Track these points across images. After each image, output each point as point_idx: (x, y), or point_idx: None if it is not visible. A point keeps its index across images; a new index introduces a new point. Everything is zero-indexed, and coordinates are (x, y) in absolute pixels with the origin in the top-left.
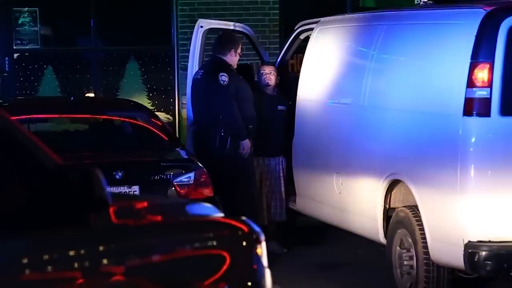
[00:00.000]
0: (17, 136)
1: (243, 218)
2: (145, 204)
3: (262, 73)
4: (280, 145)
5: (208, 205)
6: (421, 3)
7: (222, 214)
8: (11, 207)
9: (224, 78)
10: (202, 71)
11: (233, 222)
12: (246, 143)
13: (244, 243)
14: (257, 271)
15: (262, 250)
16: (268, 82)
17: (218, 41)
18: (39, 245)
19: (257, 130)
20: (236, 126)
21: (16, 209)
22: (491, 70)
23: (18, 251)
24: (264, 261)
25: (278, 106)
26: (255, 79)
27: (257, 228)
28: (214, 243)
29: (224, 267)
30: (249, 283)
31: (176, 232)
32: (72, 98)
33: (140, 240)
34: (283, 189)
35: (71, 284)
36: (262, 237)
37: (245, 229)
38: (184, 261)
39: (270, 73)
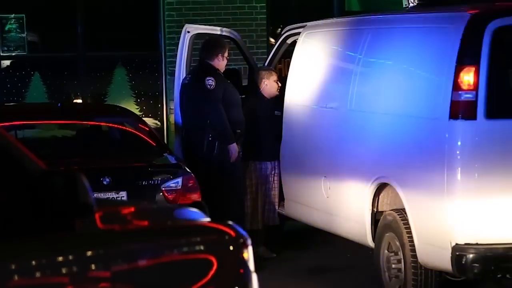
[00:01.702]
0: (0, 142)
1: (230, 222)
2: (132, 209)
3: (269, 80)
4: (276, 149)
5: (194, 210)
6: (408, 7)
7: (208, 219)
8: None
9: (210, 82)
10: (189, 76)
11: (220, 227)
12: (234, 148)
13: (231, 248)
14: (244, 276)
15: (249, 254)
16: (277, 91)
17: (205, 46)
18: (23, 251)
19: (254, 135)
20: (223, 130)
21: (0, 215)
22: (477, 73)
23: (3, 257)
24: (251, 265)
25: (275, 112)
26: (243, 84)
27: (243, 233)
28: (201, 247)
29: (211, 272)
30: None
31: (162, 237)
32: (59, 104)
33: (127, 246)
34: (276, 192)
35: None
36: (249, 242)
37: (232, 233)
38: (171, 266)
39: (277, 80)
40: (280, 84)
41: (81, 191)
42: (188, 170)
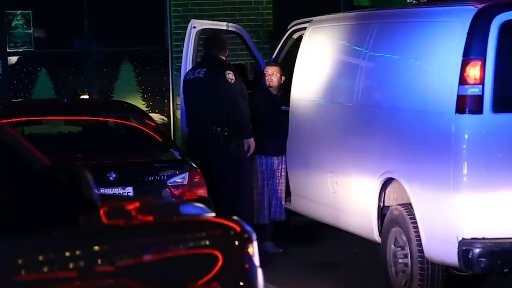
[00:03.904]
0: (5, 138)
1: (235, 217)
2: (136, 204)
3: (265, 74)
4: (282, 144)
5: (199, 205)
6: (414, 1)
7: (213, 214)
8: None
9: (231, 76)
10: (204, 70)
11: (225, 222)
12: (252, 141)
13: (236, 243)
14: (249, 271)
15: (254, 249)
16: (269, 84)
17: (214, 41)
18: (28, 247)
19: (262, 130)
20: (244, 124)
21: (4, 210)
22: (483, 67)
23: (7, 253)
24: (256, 260)
25: (282, 106)
26: (249, 79)
27: (249, 228)
28: (207, 243)
29: (217, 267)
30: (241, 283)
31: (168, 232)
32: (65, 100)
33: (131, 241)
34: (283, 187)
35: (61, 286)
36: (254, 237)
37: (237, 228)
38: (177, 261)
39: (273, 74)
40: (274, 79)
41: (84, 186)
42: (194, 165)
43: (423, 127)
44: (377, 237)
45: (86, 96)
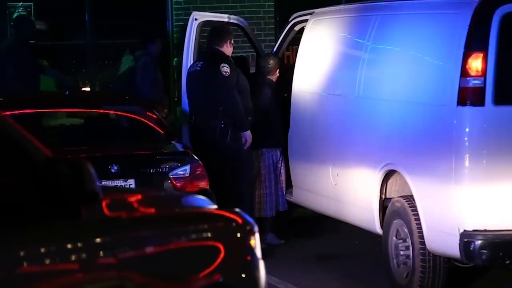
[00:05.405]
0: (6, 130)
1: (237, 209)
2: (138, 197)
3: (270, 67)
4: (283, 136)
5: (201, 197)
6: None
7: (215, 206)
8: (1, 201)
9: (225, 69)
10: (201, 62)
11: (227, 214)
12: (249, 134)
13: (238, 235)
14: (251, 263)
15: (255, 241)
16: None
17: (214, 33)
18: (30, 239)
19: (263, 122)
20: (239, 117)
21: (6, 202)
22: (485, 59)
23: (9, 245)
24: (258, 252)
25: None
26: (251, 71)
27: (250, 220)
28: (209, 235)
29: (219, 259)
30: (243, 275)
31: (170, 224)
32: (67, 93)
33: (134, 233)
34: (284, 179)
35: (63, 278)
36: (256, 229)
37: (239, 220)
38: (178, 254)
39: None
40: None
41: (87, 178)
42: (196, 157)
43: (425, 119)
44: (378, 229)
45: (88, 89)
